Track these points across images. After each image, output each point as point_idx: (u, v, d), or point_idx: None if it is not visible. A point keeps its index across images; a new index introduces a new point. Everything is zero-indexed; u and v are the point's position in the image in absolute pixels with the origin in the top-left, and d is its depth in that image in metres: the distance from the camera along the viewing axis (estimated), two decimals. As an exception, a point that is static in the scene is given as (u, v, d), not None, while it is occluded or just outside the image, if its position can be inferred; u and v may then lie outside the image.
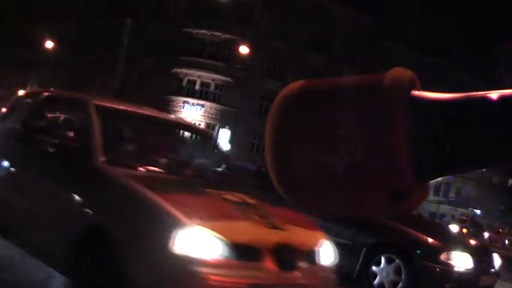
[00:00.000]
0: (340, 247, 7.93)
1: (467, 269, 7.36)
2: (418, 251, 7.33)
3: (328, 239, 5.16)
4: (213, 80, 50.36)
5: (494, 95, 0.79)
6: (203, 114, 50.25)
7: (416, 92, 0.81)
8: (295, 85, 0.89)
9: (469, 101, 0.80)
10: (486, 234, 40.10)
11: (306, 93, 0.87)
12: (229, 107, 49.57)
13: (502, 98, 0.78)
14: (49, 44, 54.10)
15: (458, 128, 0.78)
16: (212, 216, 4.24)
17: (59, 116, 5.81)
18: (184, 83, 50.71)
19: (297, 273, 4.39)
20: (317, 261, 4.75)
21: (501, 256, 8.83)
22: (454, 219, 48.89)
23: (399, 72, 0.82)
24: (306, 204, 0.88)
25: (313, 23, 50.39)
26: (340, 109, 0.82)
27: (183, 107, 50.27)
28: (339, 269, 8.27)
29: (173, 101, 50.71)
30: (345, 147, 0.77)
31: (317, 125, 0.83)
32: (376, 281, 7.44)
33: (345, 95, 0.82)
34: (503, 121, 0.76)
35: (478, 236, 32.70)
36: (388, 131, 0.78)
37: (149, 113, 6.45)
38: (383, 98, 0.80)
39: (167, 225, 3.95)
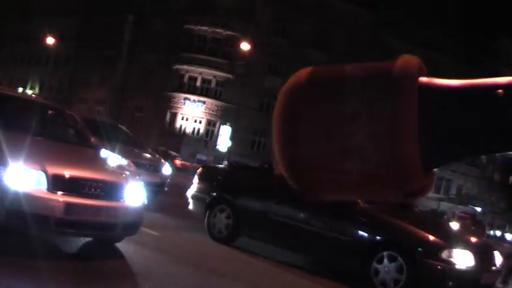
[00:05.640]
0: (343, 244, 7.93)
1: (468, 267, 7.34)
2: (420, 249, 7.32)
3: None
4: (214, 76, 50.34)
5: (501, 81, 0.78)
6: (204, 110, 50.24)
7: (424, 79, 0.80)
8: (302, 74, 0.87)
9: (476, 87, 0.80)
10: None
11: (314, 83, 0.85)
12: (230, 103, 49.56)
13: (509, 85, 0.77)
14: (50, 40, 54.05)
15: (467, 113, 0.77)
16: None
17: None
18: (186, 79, 50.69)
19: None
20: None
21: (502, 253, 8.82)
22: (454, 217, 48.83)
23: (407, 60, 0.81)
24: (316, 194, 0.87)
25: (314, 19, 50.35)
26: (349, 101, 0.81)
27: (184, 103, 50.25)
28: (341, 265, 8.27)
29: (174, 98, 50.69)
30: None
31: (327, 118, 0.81)
32: (378, 279, 7.43)
33: (353, 85, 0.81)
34: (509, 106, 0.75)
35: (479, 233, 32.65)
36: (397, 126, 0.77)
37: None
38: (392, 87, 0.79)
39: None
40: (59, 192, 5.50)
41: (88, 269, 5.94)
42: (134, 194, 6.22)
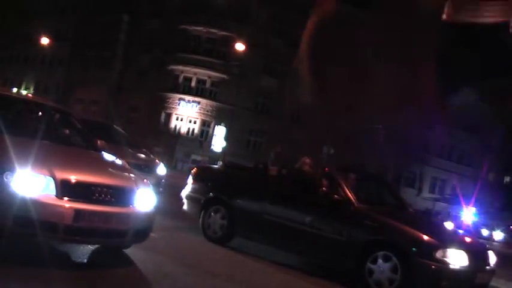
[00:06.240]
0: (337, 244, 7.94)
1: (462, 267, 7.35)
2: (414, 249, 7.33)
3: None
4: (209, 77, 50.31)
5: None
6: (199, 111, 50.21)
7: None
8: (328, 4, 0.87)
9: None
10: None
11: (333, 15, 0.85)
12: (225, 104, 49.56)
13: None
14: (45, 41, 53.93)
15: None
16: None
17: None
18: (180, 80, 50.65)
19: None
20: None
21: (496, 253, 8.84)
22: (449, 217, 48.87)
23: None
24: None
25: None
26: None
27: (179, 104, 50.21)
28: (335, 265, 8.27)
29: (169, 98, 50.64)
30: None
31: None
32: (372, 279, 7.44)
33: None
34: None
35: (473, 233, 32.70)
36: None
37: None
38: None
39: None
40: (68, 198, 5.34)
41: (88, 274, 5.93)
42: (144, 199, 6.05)
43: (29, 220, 5.07)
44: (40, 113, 7.13)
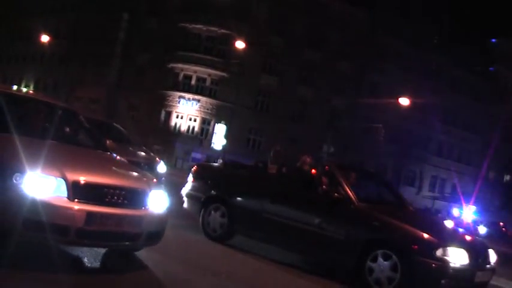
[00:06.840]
0: (337, 243, 7.93)
1: (462, 265, 7.34)
2: (414, 247, 7.32)
3: None
4: (209, 75, 50.30)
5: None
6: (199, 109, 50.20)
7: None
8: None
9: None
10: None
11: None
12: (225, 102, 49.56)
13: None
14: (45, 39, 53.87)
15: None
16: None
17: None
18: (180, 78, 50.63)
19: None
20: None
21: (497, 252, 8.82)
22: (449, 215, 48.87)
23: None
24: None
25: (309, 18, 50.35)
26: None
27: (179, 102, 50.19)
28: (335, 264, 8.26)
29: (169, 96, 50.62)
30: None
31: None
32: (372, 277, 7.43)
33: None
34: None
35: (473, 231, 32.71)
36: None
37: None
38: None
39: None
40: (80, 201, 5.19)
41: (93, 278, 5.92)
42: (158, 201, 5.88)
43: (39, 223, 4.94)
44: (48, 113, 6.91)
